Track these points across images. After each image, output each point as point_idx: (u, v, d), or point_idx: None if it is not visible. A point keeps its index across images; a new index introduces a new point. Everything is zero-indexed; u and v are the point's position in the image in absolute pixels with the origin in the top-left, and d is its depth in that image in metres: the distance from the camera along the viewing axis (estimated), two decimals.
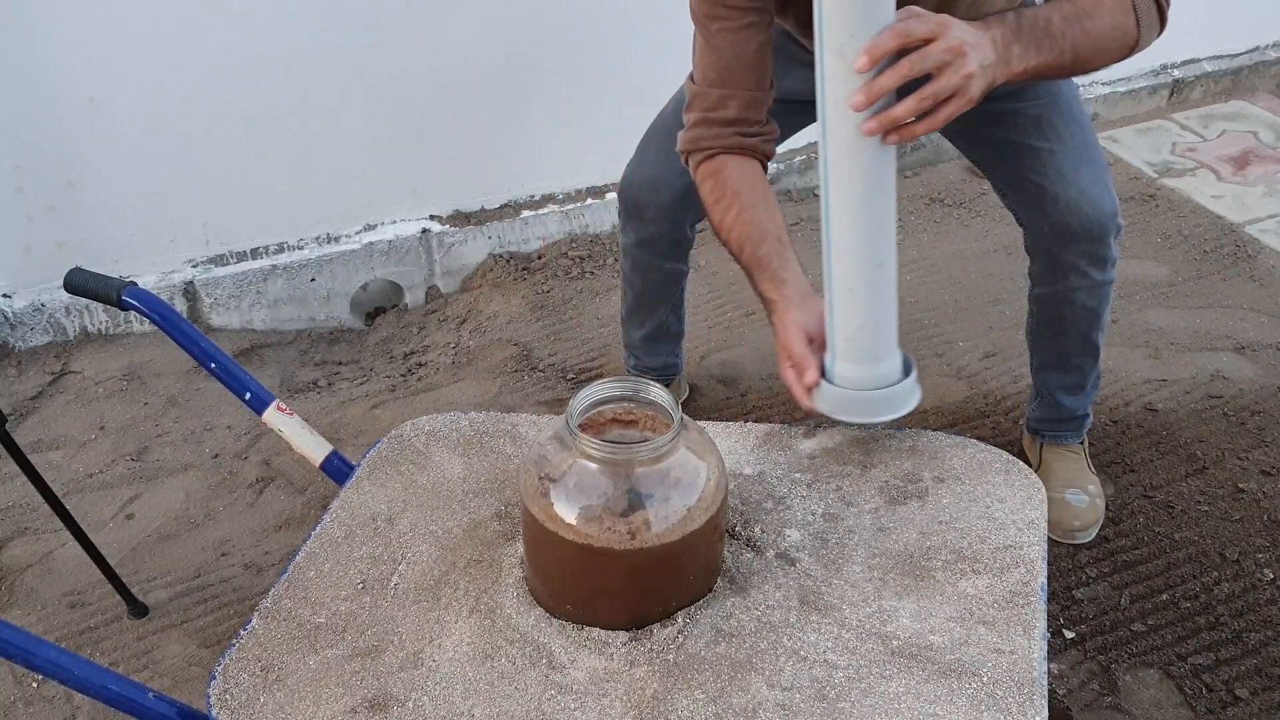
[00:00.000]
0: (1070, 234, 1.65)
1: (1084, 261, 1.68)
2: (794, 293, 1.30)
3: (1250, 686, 1.68)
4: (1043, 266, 1.73)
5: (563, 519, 1.04)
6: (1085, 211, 1.62)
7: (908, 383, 1.17)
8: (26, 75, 2.20)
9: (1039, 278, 1.76)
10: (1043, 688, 0.98)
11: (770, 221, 1.38)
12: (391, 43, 2.45)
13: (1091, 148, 1.64)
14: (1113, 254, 1.69)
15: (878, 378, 1.13)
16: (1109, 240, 1.67)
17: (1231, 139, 3.33)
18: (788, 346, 1.24)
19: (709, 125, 1.41)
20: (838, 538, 1.17)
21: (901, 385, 1.17)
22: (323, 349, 2.57)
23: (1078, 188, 1.61)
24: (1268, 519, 1.97)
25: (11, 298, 2.42)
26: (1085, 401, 1.95)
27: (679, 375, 2.24)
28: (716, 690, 1.00)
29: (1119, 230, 1.68)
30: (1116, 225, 1.66)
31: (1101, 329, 1.81)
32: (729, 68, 1.38)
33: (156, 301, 1.33)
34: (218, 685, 1.03)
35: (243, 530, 2.03)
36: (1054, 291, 1.74)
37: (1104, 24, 1.24)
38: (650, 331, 2.09)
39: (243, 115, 2.39)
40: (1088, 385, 1.92)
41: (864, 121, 0.96)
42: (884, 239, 1.05)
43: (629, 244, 1.95)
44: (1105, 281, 1.72)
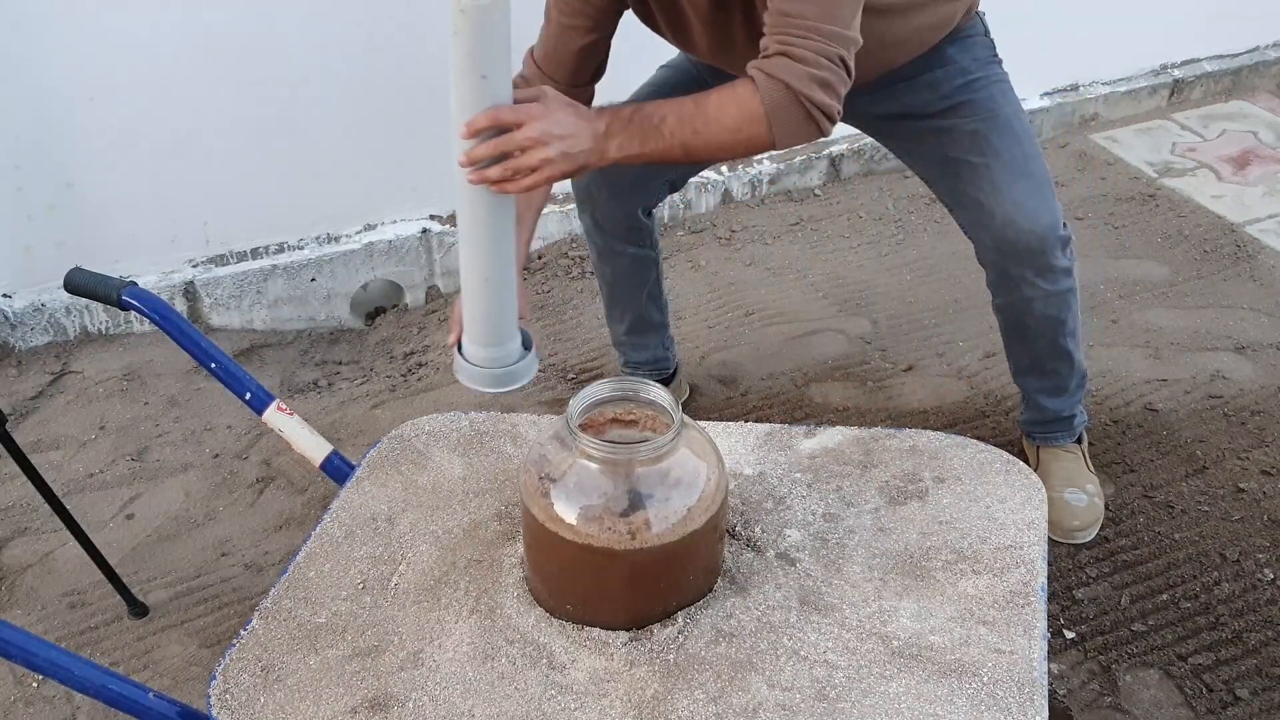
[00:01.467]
0: (1010, 247, 1.68)
1: (1030, 273, 1.70)
2: None
3: (1250, 686, 1.68)
4: (995, 278, 1.77)
5: (563, 519, 1.04)
6: (1021, 225, 1.65)
7: (522, 364, 1.36)
8: (26, 75, 2.20)
9: (994, 289, 1.80)
10: (1043, 688, 0.98)
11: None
12: (391, 42, 2.45)
13: (1029, 160, 1.67)
14: (1060, 263, 1.70)
15: (495, 358, 1.33)
16: (1052, 251, 1.68)
17: (1231, 139, 3.33)
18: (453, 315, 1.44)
19: None
20: (838, 538, 1.17)
21: (515, 366, 1.36)
22: (323, 349, 2.57)
23: (1013, 202, 1.64)
24: (1268, 519, 1.97)
25: (11, 298, 2.42)
26: (1070, 403, 1.96)
27: (674, 371, 2.24)
28: (717, 690, 1.00)
29: (1065, 242, 1.70)
30: (1059, 237, 1.68)
31: (1069, 334, 1.82)
32: (549, 55, 1.60)
33: (156, 301, 1.33)
34: (218, 685, 1.03)
35: (243, 530, 2.03)
36: (1011, 302, 1.77)
37: (721, 131, 1.31)
38: (631, 323, 2.11)
39: (243, 115, 2.39)
40: (1069, 387, 1.93)
41: (469, 175, 1.21)
42: (493, 258, 1.25)
43: (587, 229, 1.99)
44: (1060, 290, 1.73)
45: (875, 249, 2.82)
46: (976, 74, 1.68)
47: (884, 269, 2.74)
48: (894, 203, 3.01)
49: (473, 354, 1.34)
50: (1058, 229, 1.68)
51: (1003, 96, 1.69)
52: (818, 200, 3.04)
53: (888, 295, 2.63)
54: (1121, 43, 3.32)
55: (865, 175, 3.15)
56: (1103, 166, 3.17)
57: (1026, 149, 1.68)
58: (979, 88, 1.68)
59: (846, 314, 2.58)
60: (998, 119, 1.67)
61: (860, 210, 2.98)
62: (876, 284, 2.68)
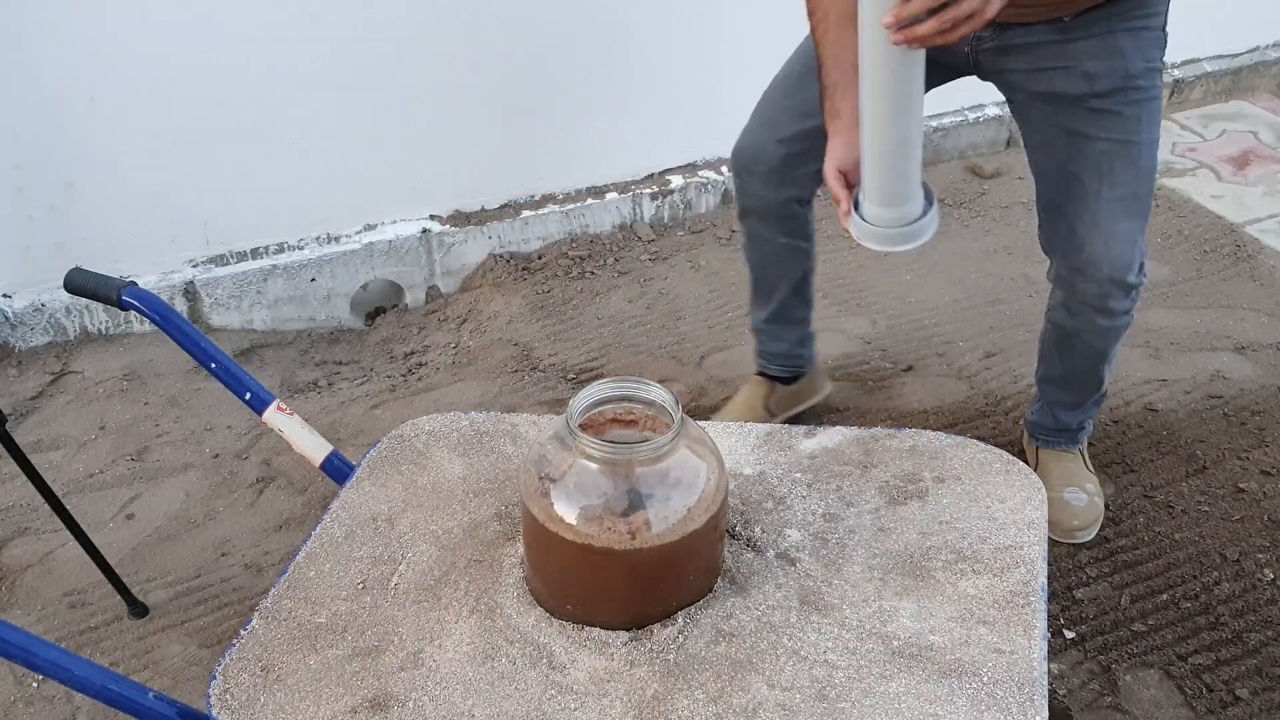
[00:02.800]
0: (1085, 283, 1.66)
1: (1092, 309, 1.70)
2: (843, 127, 1.45)
3: (1250, 686, 1.68)
4: (1061, 297, 1.75)
5: (563, 519, 1.04)
6: (1104, 267, 1.63)
7: (924, 221, 1.34)
8: (26, 75, 2.20)
9: (1056, 303, 1.78)
10: (1043, 688, 0.98)
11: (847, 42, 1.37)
12: (391, 43, 2.45)
13: (1140, 201, 1.61)
14: (1124, 305, 1.70)
15: (897, 218, 1.32)
16: (1124, 295, 1.67)
17: (1231, 139, 3.33)
18: (827, 180, 1.47)
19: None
20: (838, 538, 1.17)
21: (917, 224, 1.33)
22: (323, 349, 2.57)
23: (1105, 242, 1.61)
24: (1268, 519, 1.97)
25: (11, 298, 2.42)
26: (1082, 416, 1.96)
27: (808, 369, 2.18)
28: (717, 690, 1.00)
29: (1138, 287, 1.68)
30: (1135, 284, 1.66)
31: (1108, 362, 1.83)
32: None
33: (156, 301, 1.33)
34: (218, 685, 1.03)
35: (243, 530, 2.03)
36: (1065, 323, 1.77)
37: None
38: (773, 312, 2.06)
39: (243, 115, 2.39)
40: (1086, 404, 1.93)
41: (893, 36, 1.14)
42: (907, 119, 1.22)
43: (739, 213, 1.96)
44: (1116, 327, 1.74)
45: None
46: (1138, 81, 1.55)
47: (884, 269, 2.74)
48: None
49: (876, 215, 1.33)
50: (1137, 273, 1.66)
51: (1149, 119, 1.58)
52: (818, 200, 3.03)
53: (888, 295, 2.64)
54: None
55: None
56: None
57: (1142, 188, 1.60)
58: (1132, 100, 1.56)
59: (846, 314, 2.58)
60: (1132, 146, 1.58)
61: None
62: (876, 284, 2.68)
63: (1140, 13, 1.53)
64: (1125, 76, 1.54)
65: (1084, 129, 1.59)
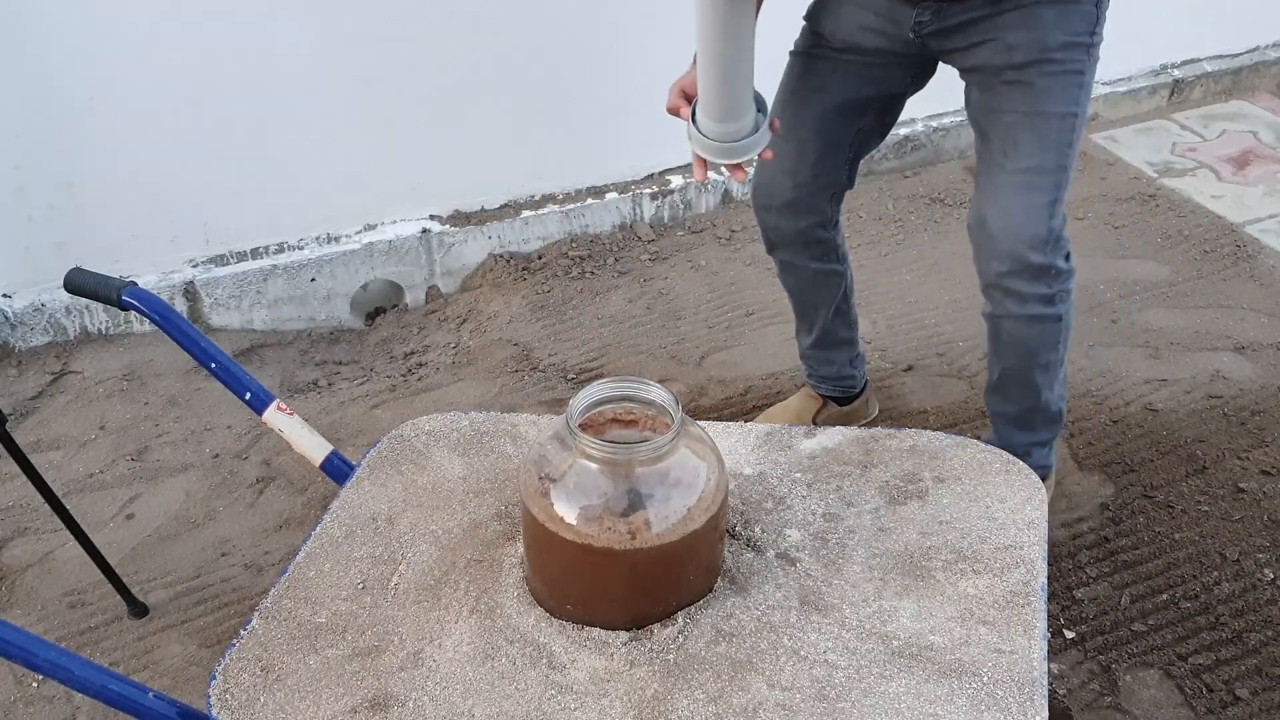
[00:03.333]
0: (985, 256, 1.63)
1: (999, 290, 1.64)
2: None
3: (1250, 686, 1.68)
4: (980, 285, 1.71)
5: (563, 519, 1.04)
6: (1000, 239, 1.59)
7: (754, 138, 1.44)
8: (26, 75, 2.20)
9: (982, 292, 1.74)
10: (1043, 688, 0.98)
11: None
12: (391, 43, 2.45)
13: (1044, 174, 1.57)
14: (1033, 290, 1.62)
15: (727, 133, 1.42)
16: (1025, 275, 1.60)
17: (1231, 139, 3.33)
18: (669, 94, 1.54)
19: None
20: (838, 538, 1.17)
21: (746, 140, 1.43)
22: (323, 349, 2.57)
23: (1002, 213, 1.58)
24: (1268, 519, 1.97)
25: (11, 298, 2.42)
26: (1030, 439, 1.85)
27: (862, 389, 2.16)
28: (716, 690, 1.00)
29: (1045, 271, 1.60)
30: (1038, 264, 1.59)
31: (1040, 368, 1.72)
32: None
33: (156, 301, 1.33)
34: (218, 685, 1.03)
35: (243, 530, 2.03)
36: (988, 310, 1.71)
37: None
38: (816, 339, 2.05)
39: (243, 115, 2.39)
40: (1035, 425, 1.83)
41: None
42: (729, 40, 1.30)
43: (767, 247, 1.94)
44: (1029, 316, 1.65)
45: (875, 249, 2.82)
46: (1053, 54, 1.53)
47: (884, 269, 2.74)
48: (894, 203, 3.01)
49: (708, 129, 1.42)
50: (1039, 254, 1.59)
51: (1062, 92, 1.56)
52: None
53: (887, 295, 2.64)
54: (1121, 42, 3.31)
55: (865, 175, 3.14)
56: (1103, 166, 3.17)
57: (1048, 160, 1.56)
58: (1045, 72, 1.54)
59: None
60: (1039, 117, 1.56)
61: (860, 210, 2.98)
62: (876, 284, 2.68)
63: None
64: (1041, 49, 1.53)
65: (997, 102, 1.59)
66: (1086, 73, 1.57)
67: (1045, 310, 1.65)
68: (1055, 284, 1.64)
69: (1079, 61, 1.56)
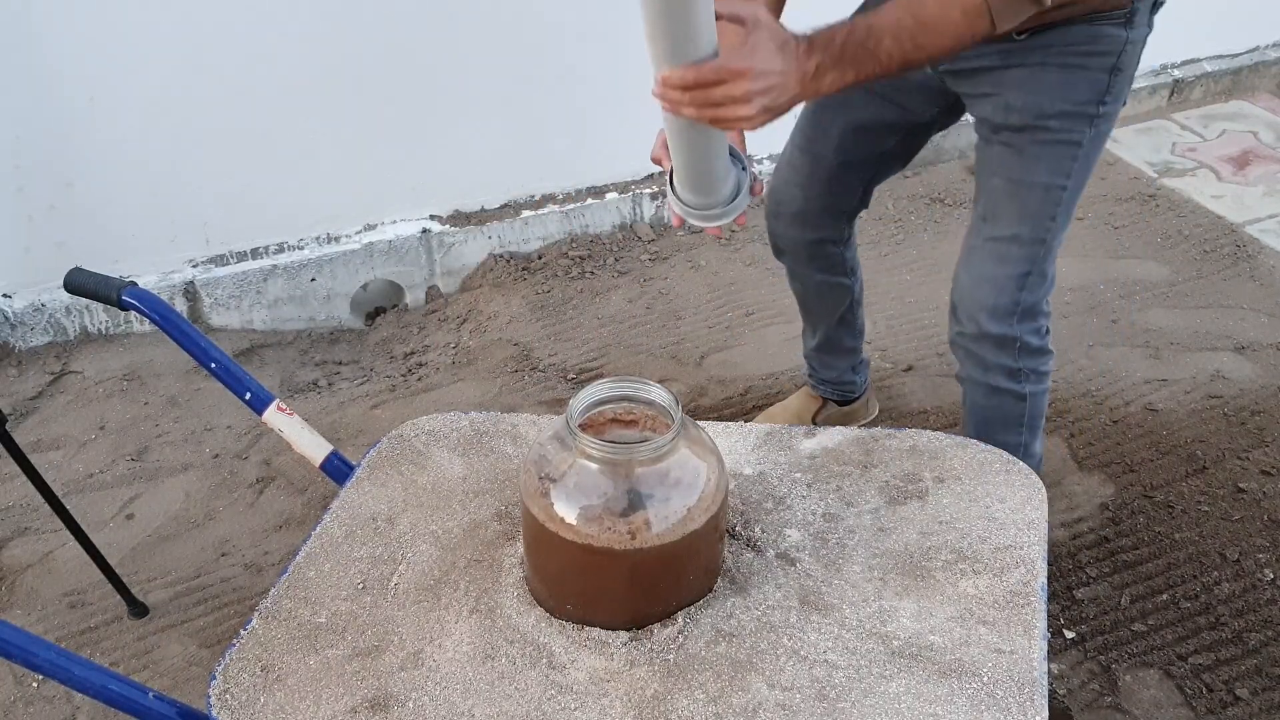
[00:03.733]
0: (955, 320, 1.61)
1: (962, 350, 1.62)
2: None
3: (1250, 686, 1.68)
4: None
5: (563, 519, 1.04)
6: (964, 306, 1.56)
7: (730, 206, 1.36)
8: (26, 75, 2.20)
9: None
10: (1043, 688, 0.98)
11: None
12: (392, 43, 2.45)
13: (1019, 245, 1.50)
14: (998, 361, 1.57)
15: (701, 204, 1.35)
16: (987, 343, 1.56)
17: (1231, 139, 3.33)
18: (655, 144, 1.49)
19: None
20: (838, 538, 1.17)
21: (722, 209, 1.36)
22: (323, 349, 2.57)
23: (971, 280, 1.55)
24: (1268, 519, 1.97)
25: (11, 298, 2.42)
26: None
27: (861, 394, 2.16)
28: (716, 690, 1.00)
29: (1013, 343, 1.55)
30: (1012, 334, 1.54)
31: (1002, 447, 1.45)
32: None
33: (156, 301, 1.33)
34: (218, 685, 1.03)
35: (243, 530, 2.03)
36: (956, 371, 1.68)
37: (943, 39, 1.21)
38: (820, 343, 2.05)
39: (243, 115, 2.39)
40: None
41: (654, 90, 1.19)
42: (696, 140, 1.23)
43: (773, 251, 1.94)
44: (991, 386, 1.59)
45: (875, 249, 2.82)
46: (1048, 122, 1.45)
47: (884, 269, 2.74)
48: (894, 203, 3.01)
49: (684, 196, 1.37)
50: (999, 324, 1.54)
51: (1050, 163, 1.47)
52: None
53: (887, 295, 2.64)
54: None
55: None
56: (1103, 166, 3.17)
57: (1024, 232, 1.49)
58: (1037, 140, 1.46)
59: None
60: (1023, 187, 1.48)
61: None
62: (876, 284, 2.68)
63: (1084, 49, 1.42)
64: (1037, 114, 1.45)
65: (989, 162, 1.53)
66: (1084, 144, 1.47)
67: (1009, 384, 1.59)
68: (1023, 359, 1.58)
69: (1076, 132, 1.46)
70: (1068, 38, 1.42)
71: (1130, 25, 1.42)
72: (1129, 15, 1.41)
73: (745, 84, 1.11)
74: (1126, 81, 1.47)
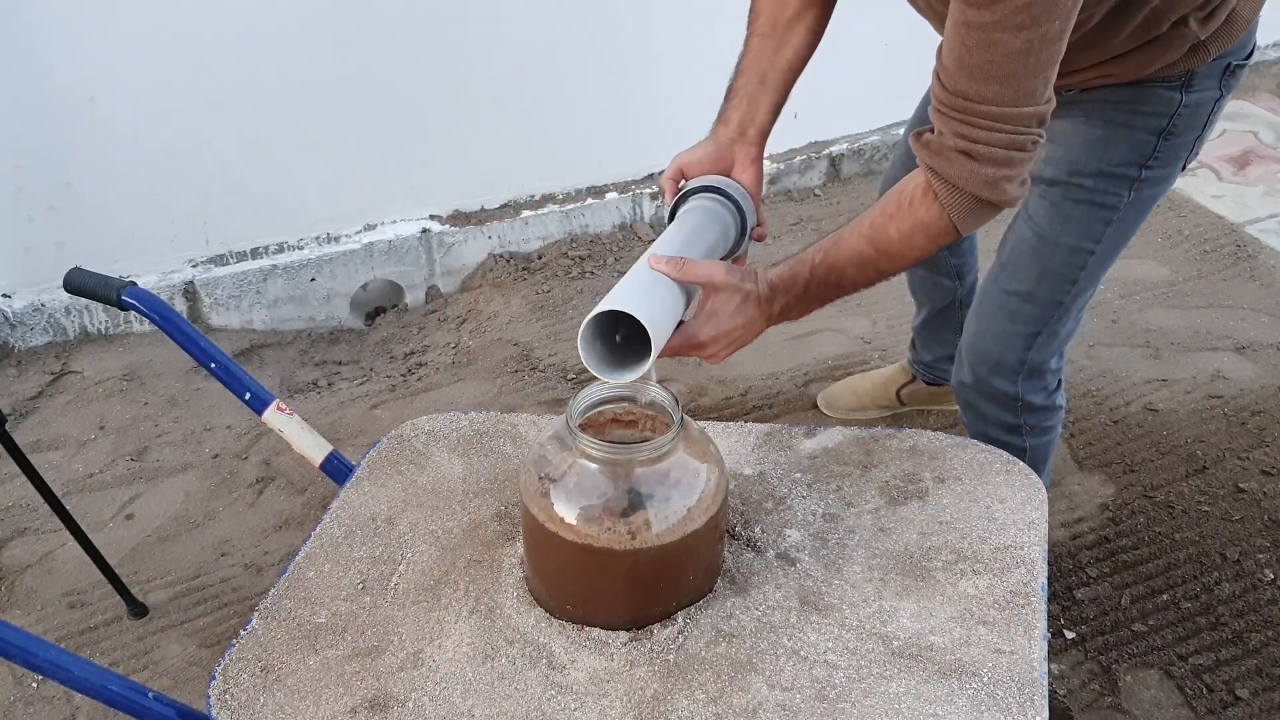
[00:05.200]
0: (959, 366, 1.58)
1: (962, 399, 1.60)
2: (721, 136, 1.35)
3: (1251, 686, 1.68)
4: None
5: (563, 519, 1.04)
6: (970, 353, 1.54)
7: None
8: (26, 75, 2.20)
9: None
10: (1043, 688, 0.98)
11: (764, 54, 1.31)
12: (392, 43, 2.45)
13: (1034, 303, 1.46)
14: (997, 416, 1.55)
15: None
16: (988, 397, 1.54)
17: (1232, 139, 3.33)
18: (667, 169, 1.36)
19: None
20: (838, 538, 1.17)
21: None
22: (323, 349, 2.57)
23: (977, 331, 1.52)
24: (1268, 519, 1.97)
25: (11, 298, 2.42)
26: None
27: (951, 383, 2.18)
28: (716, 690, 1.00)
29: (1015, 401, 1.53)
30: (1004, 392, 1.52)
31: None
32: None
33: (156, 301, 1.33)
34: (218, 685, 1.03)
35: (243, 530, 2.03)
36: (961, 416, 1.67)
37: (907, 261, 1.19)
38: (922, 323, 2.07)
39: (242, 115, 2.39)
40: None
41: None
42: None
43: None
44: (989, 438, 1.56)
45: None
46: (1083, 180, 1.38)
47: None
48: None
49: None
50: (1004, 381, 1.52)
51: (1080, 224, 1.40)
52: (818, 200, 3.04)
53: (888, 295, 2.63)
54: None
55: (865, 175, 3.15)
56: None
57: (1041, 291, 1.45)
58: (1070, 198, 1.40)
59: (846, 314, 2.58)
60: (1047, 244, 1.42)
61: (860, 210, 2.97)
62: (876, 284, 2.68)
63: (1130, 107, 1.35)
64: (1071, 171, 1.38)
65: (1022, 207, 1.45)
66: (1121, 208, 1.39)
67: (1008, 439, 1.57)
68: (1025, 416, 1.56)
69: (1113, 195, 1.39)
70: (1116, 95, 1.35)
71: (1188, 88, 1.33)
72: (1186, 77, 1.32)
73: (709, 349, 1.17)
74: (1182, 148, 1.37)
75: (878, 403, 2.24)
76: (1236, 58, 1.33)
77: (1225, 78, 1.34)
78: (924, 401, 2.23)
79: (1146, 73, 1.31)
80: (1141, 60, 1.29)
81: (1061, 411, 1.63)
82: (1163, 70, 1.30)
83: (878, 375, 2.25)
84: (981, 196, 1.09)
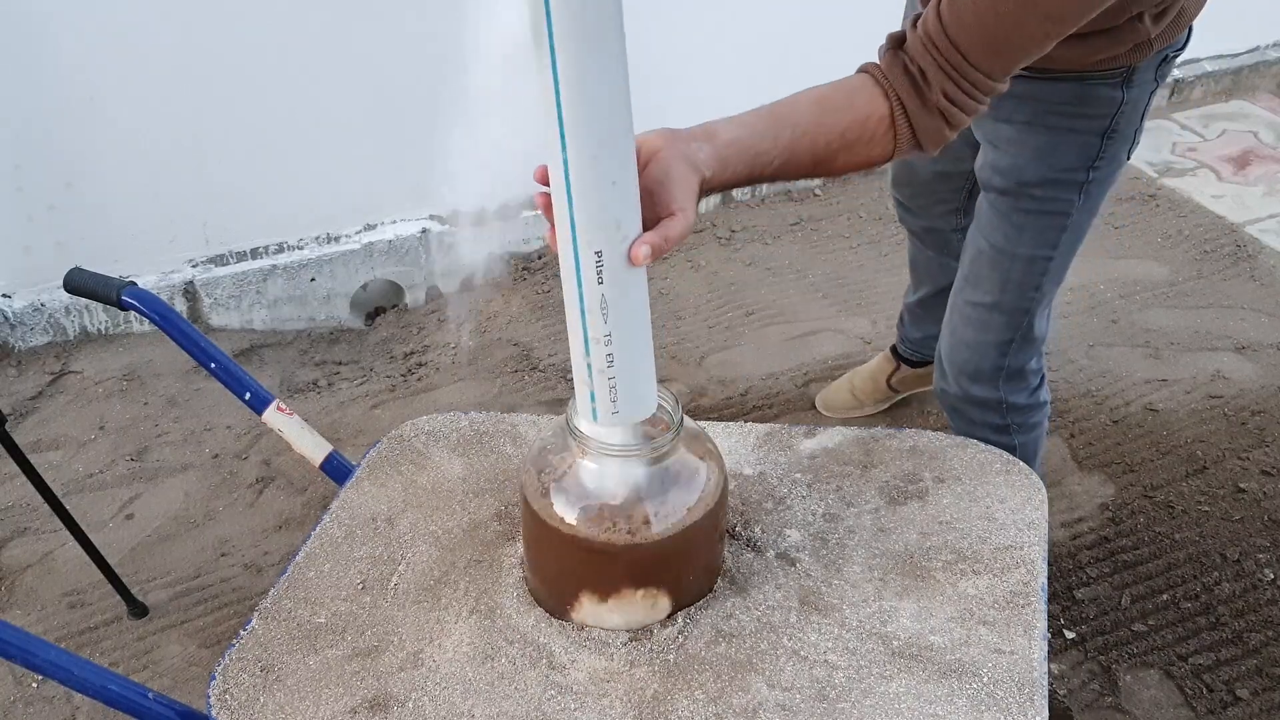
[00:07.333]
0: (938, 367, 1.61)
1: (948, 406, 1.62)
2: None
3: (1251, 686, 1.68)
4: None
5: (563, 519, 1.04)
6: (947, 364, 1.56)
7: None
8: (26, 75, 2.20)
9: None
10: (1043, 688, 0.98)
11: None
12: (392, 42, 2.45)
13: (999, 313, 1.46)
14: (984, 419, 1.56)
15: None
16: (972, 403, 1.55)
17: (1232, 139, 3.33)
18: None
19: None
20: (838, 538, 1.17)
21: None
22: (323, 349, 2.57)
23: (950, 342, 1.54)
24: (1268, 519, 1.97)
25: (11, 298, 2.42)
26: None
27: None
28: (716, 690, 1.00)
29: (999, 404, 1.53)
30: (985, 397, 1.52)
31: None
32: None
33: (156, 301, 1.33)
34: (218, 685, 1.03)
35: (243, 530, 2.03)
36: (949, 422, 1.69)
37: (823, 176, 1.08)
38: (919, 300, 2.08)
39: (242, 115, 2.39)
40: None
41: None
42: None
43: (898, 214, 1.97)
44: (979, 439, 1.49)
45: (875, 249, 2.82)
46: (1031, 190, 1.37)
47: (884, 269, 2.74)
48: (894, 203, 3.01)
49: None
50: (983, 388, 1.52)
51: (1035, 234, 1.40)
52: (818, 200, 3.04)
53: (888, 295, 2.63)
54: None
55: (865, 175, 3.15)
56: None
57: (1006, 301, 1.45)
58: (1021, 209, 1.39)
59: (846, 314, 2.58)
60: (1004, 256, 1.42)
61: (860, 210, 2.98)
62: (876, 284, 2.68)
63: (1073, 110, 1.31)
64: (1019, 182, 1.37)
65: (978, 217, 1.45)
66: (1074, 213, 1.39)
67: (998, 438, 1.57)
68: (1011, 416, 1.56)
69: (1064, 201, 1.38)
70: (1056, 94, 1.31)
71: (1129, 85, 1.30)
72: (1127, 74, 1.29)
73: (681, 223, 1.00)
74: (1124, 142, 1.36)
75: (874, 397, 2.25)
76: (1173, 49, 1.33)
77: (1161, 68, 1.33)
78: (915, 384, 2.25)
79: (1087, 63, 1.27)
80: (1085, 49, 1.25)
81: (1047, 406, 1.63)
82: (1104, 62, 1.27)
83: (865, 370, 2.27)
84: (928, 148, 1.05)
